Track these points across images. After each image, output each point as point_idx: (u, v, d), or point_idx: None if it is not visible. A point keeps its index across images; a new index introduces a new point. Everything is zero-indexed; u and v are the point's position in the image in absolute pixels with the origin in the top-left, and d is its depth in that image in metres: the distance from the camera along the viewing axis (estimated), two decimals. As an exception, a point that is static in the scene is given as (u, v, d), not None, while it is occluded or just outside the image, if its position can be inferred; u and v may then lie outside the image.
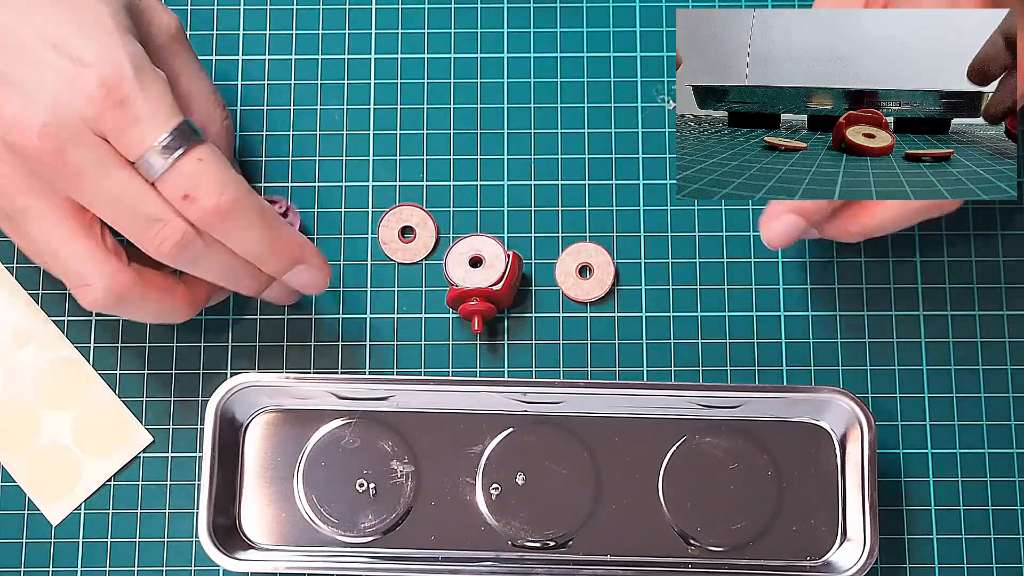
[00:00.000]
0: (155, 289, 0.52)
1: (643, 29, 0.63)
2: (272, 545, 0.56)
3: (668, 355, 0.59)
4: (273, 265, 0.53)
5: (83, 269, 0.51)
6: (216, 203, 0.50)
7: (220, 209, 0.50)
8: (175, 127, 0.49)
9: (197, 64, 0.56)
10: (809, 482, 0.56)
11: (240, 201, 0.50)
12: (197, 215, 0.50)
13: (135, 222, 0.50)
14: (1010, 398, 0.59)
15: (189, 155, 0.49)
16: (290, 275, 0.54)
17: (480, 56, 0.63)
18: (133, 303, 0.52)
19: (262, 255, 0.52)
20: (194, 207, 0.50)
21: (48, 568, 0.58)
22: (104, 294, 0.51)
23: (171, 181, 0.49)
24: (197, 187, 0.49)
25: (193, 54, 0.56)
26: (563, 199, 0.61)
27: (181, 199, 0.50)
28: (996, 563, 0.57)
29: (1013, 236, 0.61)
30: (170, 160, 0.49)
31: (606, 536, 0.56)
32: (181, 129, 0.50)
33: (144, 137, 0.49)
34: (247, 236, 0.51)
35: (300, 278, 0.54)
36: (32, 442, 0.59)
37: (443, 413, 0.57)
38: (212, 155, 0.50)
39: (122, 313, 0.53)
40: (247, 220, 0.51)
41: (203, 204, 0.50)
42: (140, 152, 0.49)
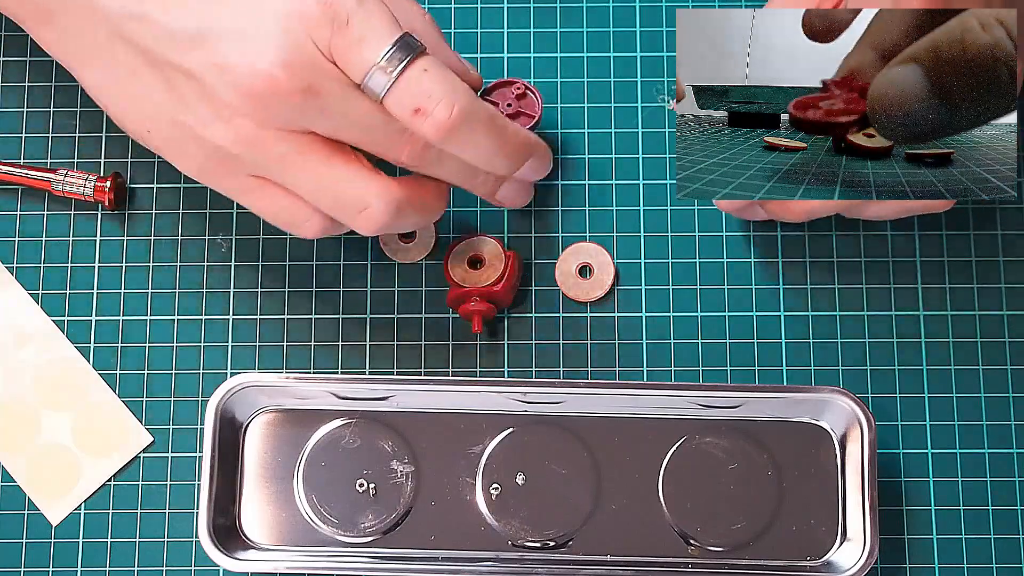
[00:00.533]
0: (425, 191, 0.52)
1: (643, 29, 0.63)
2: (272, 545, 0.56)
3: (668, 355, 0.59)
4: (506, 166, 0.53)
5: (359, 192, 0.50)
6: (448, 115, 0.49)
7: (452, 123, 0.49)
8: (396, 40, 0.48)
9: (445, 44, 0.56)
10: (809, 482, 0.56)
11: (469, 110, 0.49)
12: (430, 130, 0.49)
13: (387, 138, 0.50)
14: (1010, 398, 0.59)
15: (414, 66, 0.48)
16: (520, 170, 0.54)
17: (480, 56, 0.63)
18: (409, 212, 0.52)
19: (493, 161, 0.52)
20: (426, 122, 0.49)
21: (48, 568, 0.58)
22: (385, 210, 0.50)
23: (398, 97, 0.48)
24: (426, 99, 0.48)
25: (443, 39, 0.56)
26: (563, 199, 0.61)
27: (412, 115, 0.49)
28: (996, 563, 0.57)
29: (1013, 236, 0.61)
30: (394, 75, 0.48)
31: (606, 536, 0.56)
32: (403, 41, 0.49)
33: (368, 54, 0.48)
34: (479, 145, 0.51)
35: (529, 169, 0.55)
36: (32, 442, 0.59)
37: (443, 413, 0.57)
38: (435, 65, 0.49)
39: (395, 228, 0.53)
40: (477, 129, 0.50)
41: (435, 118, 0.49)
42: (365, 70, 0.48)
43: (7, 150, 0.62)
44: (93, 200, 0.60)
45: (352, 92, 0.49)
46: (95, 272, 0.60)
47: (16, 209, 0.61)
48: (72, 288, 0.60)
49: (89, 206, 0.61)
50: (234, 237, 0.61)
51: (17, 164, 0.61)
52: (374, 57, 0.48)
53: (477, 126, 0.50)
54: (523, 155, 0.54)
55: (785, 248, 0.60)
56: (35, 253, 0.61)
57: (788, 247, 0.60)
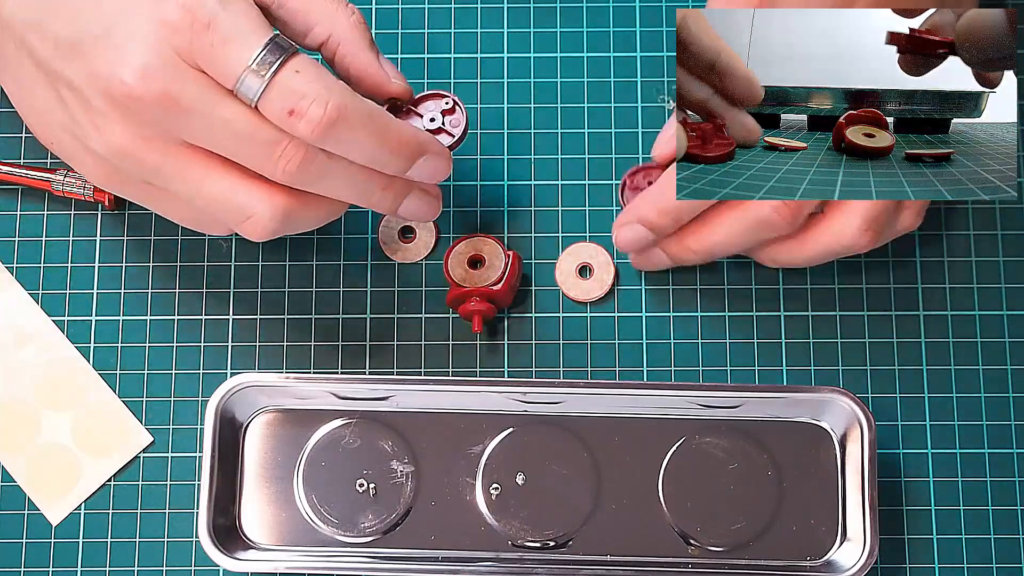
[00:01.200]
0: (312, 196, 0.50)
1: (643, 29, 0.63)
2: (272, 545, 0.56)
3: (668, 355, 0.59)
4: (395, 165, 0.50)
5: (242, 200, 0.49)
6: (321, 114, 0.47)
7: (328, 119, 0.47)
8: (266, 42, 0.47)
9: None
10: (809, 482, 0.56)
11: (346, 107, 0.48)
12: (305, 130, 0.47)
13: (254, 150, 0.48)
14: (1010, 398, 0.59)
15: (285, 68, 0.47)
16: (414, 170, 0.51)
17: (480, 56, 0.63)
18: (301, 216, 0.50)
19: (380, 158, 0.50)
20: (301, 123, 0.47)
21: (48, 568, 0.58)
22: (271, 217, 0.49)
23: (271, 99, 0.47)
24: (299, 100, 0.47)
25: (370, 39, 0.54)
26: (563, 199, 0.61)
27: (286, 117, 0.47)
28: (996, 563, 0.57)
29: (1013, 236, 0.61)
30: (266, 77, 0.47)
31: (606, 536, 0.56)
32: (273, 43, 0.47)
33: (236, 57, 0.47)
34: (361, 142, 0.49)
35: (423, 169, 0.51)
36: (32, 442, 0.59)
37: (443, 413, 0.57)
38: (309, 65, 0.48)
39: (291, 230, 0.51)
40: (357, 125, 0.48)
41: (309, 118, 0.47)
42: (236, 75, 0.47)
43: (7, 150, 0.62)
44: (93, 200, 0.60)
45: (219, 98, 0.48)
46: (95, 272, 0.60)
47: (16, 209, 0.61)
48: (72, 288, 0.60)
49: (89, 206, 0.61)
50: (234, 237, 0.61)
51: (17, 164, 0.61)
52: (244, 60, 0.47)
53: (356, 123, 0.48)
54: (411, 151, 0.51)
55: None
56: (35, 253, 0.61)
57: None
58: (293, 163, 0.48)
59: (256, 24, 0.48)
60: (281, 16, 0.52)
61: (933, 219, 0.60)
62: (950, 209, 0.61)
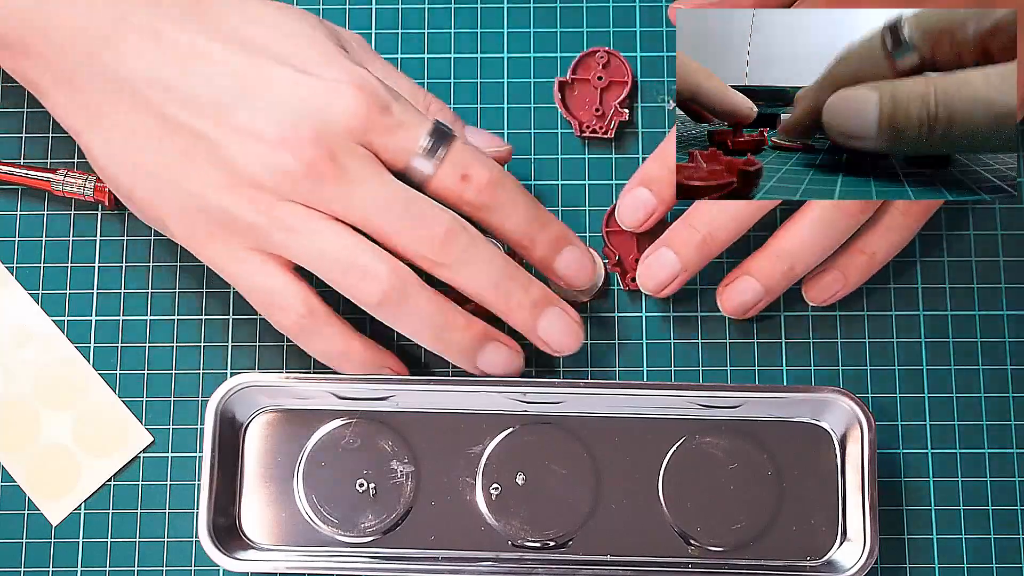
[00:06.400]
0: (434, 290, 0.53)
1: (643, 29, 0.63)
2: (272, 545, 0.56)
3: (668, 355, 0.59)
4: (543, 241, 0.54)
5: (367, 260, 0.51)
6: (490, 176, 0.52)
7: (493, 179, 0.52)
8: (432, 127, 0.52)
9: (391, 66, 0.57)
10: (809, 482, 0.56)
11: (506, 175, 0.53)
12: (475, 192, 0.52)
13: (403, 221, 0.51)
14: (1010, 398, 0.59)
15: (455, 143, 0.52)
16: (560, 259, 0.55)
17: (480, 56, 0.63)
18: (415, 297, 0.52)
19: (532, 228, 0.54)
20: (471, 185, 0.52)
21: (48, 568, 0.58)
22: (390, 281, 0.51)
23: (448, 167, 0.52)
24: (470, 166, 0.52)
25: (383, 59, 0.57)
26: (563, 199, 0.61)
27: (459, 181, 0.52)
28: (996, 563, 0.58)
29: (1013, 236, 0.61)
30: (439, 156, 0.52)
31: (606, 536, 0.56)
32: (437, 128, 0.52)
33: (410, 140, 0.52)
34: (519, 207, 0.53)
35: (570, 261, 0.55)
36: (32, 442, 0.59)
37: (443, 413, 0.57)
38: (467, 143, 0.53)
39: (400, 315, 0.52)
40: (516, 192, 0.53)
41: (479, 180, 0.52)
42: (410, 154, 0.52)
43: (7, 150, 0.62)
44: (93, 200, 0.60)
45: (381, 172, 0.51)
46: (95, 272, 0.60)
47: (16, 209, 0.61)
48: (72, 288, 0.60)
49: (89, 206, 0.61)
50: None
51: (17, 164, 0.61)
52: (416, 141, 0.52)
53: (513, 187, 0.53)
54: (560, 231, 0.55)
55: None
56: (35, 253, 0.61)
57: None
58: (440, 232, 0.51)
59: (419, 112, 0.53)
60: None
61: (933, 219, 0.60)
62: (950, 209, 0.61)
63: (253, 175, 0.50)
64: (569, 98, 0.61)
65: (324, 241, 0.51)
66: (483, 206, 0.52)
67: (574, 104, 0.61)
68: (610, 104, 0.61)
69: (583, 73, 0.61)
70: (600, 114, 0.61)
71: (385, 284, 0.51)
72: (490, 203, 0.53)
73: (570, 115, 0.61)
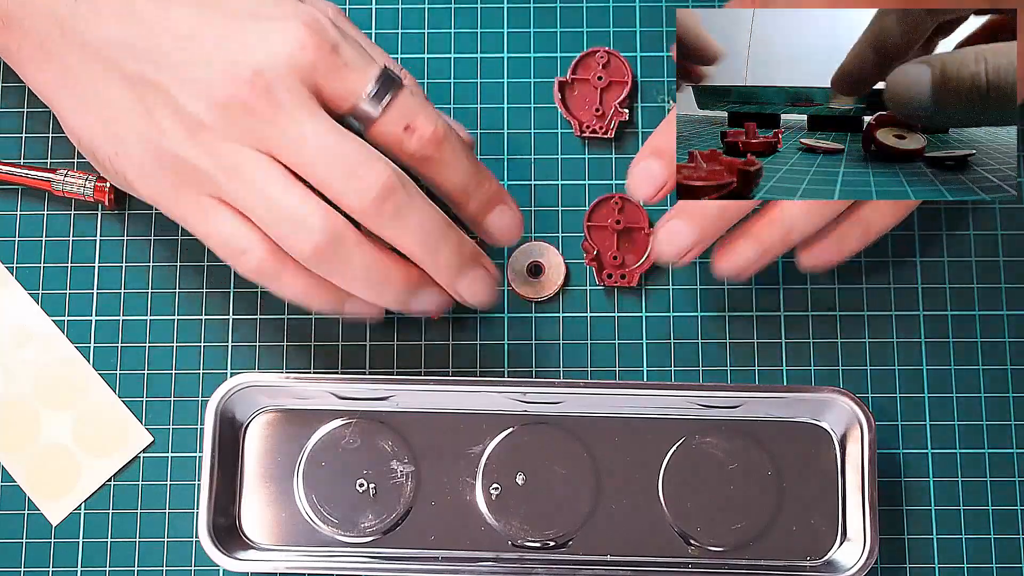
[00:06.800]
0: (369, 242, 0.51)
1: (643, 29, 0.63)
2: (272, 545, 0.56)
3: (668, 355, 0.59)
4: (478, 198, 0.53)
5: (301, 210, 0.50)
6: (434, 129, 0.51)
7: (437, 135, 0.51)
8: (381, 71, 0.51)
9: (366, 38, 0.57)
10: (809, 482, 0.56)
11: (450, 129, 0.52)
12: (418, 144, 0.51)
13: (340, 169, 0.50)
14: (1010, 398, 0.59)
15: (403, 91, 0.51)
16: (491, 218, 0.54)
17: (480, 56, 0.63)
18: (350, 246, 0.50)
19: (469, 185, 0.53)
20: (414, 136, 0.51)
21: (48, 568, 0.58)
22: (322, 234, 0.50)
23: (390, 117, 0.51)
24: (415, 117, 0.51)
25: (358, 29, 0.57)
26: (563, 199, 0.61)
27: (403, 131, 0.51)
28: (996, 563, 0.58)
29: (1013, 236, 0.61)
30: (384, 102, 0.51)
31: (606, 536, 0.56)
32: (386, 73, 0.51)
33: (357, 82, 0.51)
34: (460, 163, 0.52)
35: (501, 219, 0.55)
36: (32, 442, 0.59)
37: (443, 413, 0.57)
38: (417, 92, 0.53)
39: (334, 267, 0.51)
40: (458, 147, 0.52)
41: (422, 132, 0.51)
42: (356, 97, 0.51)
43: (7, 150, 0.62)
44: (93, 200, 0.60)
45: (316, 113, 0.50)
46: (95, 272, 0.60)
47: (16, 209, 0.61)
48: (72, 288, 0.60)
49: (89, 206, 0.61)
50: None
51: (17, 164, 0.61)
52: (363, 85, 0.50)
53: (456, 144, 0.52)
54: (496, 189, 0.54)
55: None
56: (35, 253, 0.61)
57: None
58: (372, 190, 0.50)
59: (368, 56, 0.52)
60: None
61: (933, 219, 0.60)
62: (950, 209, 0.61)
63: (198, 115, 0.50)
64: (569, 98, 0.61)
65: (260, 185, 0.50)
66: (425, 159, 0.52)
67: (574, 104, 0.61)
68: (610, 104, 0.61)
69: (583, 73, 0.61)
70: (600, 114, 0.61)
71: (318, 237, 0.50)
72: (432, 156, 0.52)
73: (570, 115, 0.61)
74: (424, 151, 0.51)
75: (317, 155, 0.50)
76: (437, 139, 0.51)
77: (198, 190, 0.51)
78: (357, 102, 0.51)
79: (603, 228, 0.60)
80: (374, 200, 0.50)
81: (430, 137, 0.51)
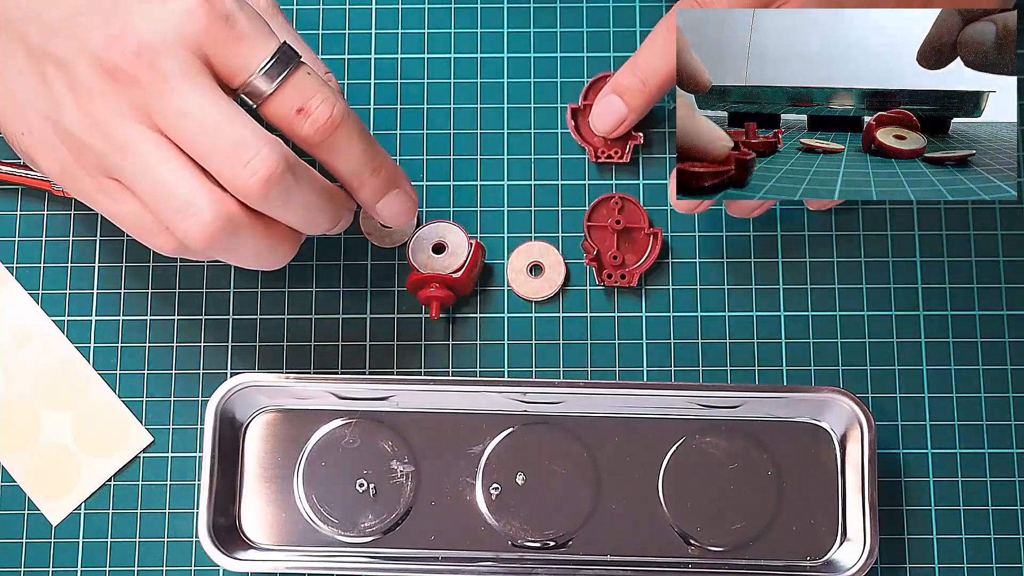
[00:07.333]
0: (260, 218, 0.50)
1: (643, 29, 0.63)
2: (272, 545, 0.56)
3: (668, 355, 0.59)
4: (372, 185, 0.52)
5: (190, 193, 0.48)
6: (330, 114, 0.49)
7: (333, 120, 0.49)
8: (279, 47, 0.49)
9: (294, 32, 0.55)
10: (809, 482, 0.56)
11: (348, 113, 0.50)
12: (310, 129, 0.49)
13: (224, 148, 0.47)
14: (1010, 398, 0.59)
15: (299, 70, 0.49)
16: (384, 202, 0.53)
17: (480, 56, 0.63)
18: (241, 231, 0.49)
19: (363, 172, 0.52)
20: (307, 120, 0.49)
21: (48, 568, 0.58)
22: (213, 218, 0.48)
23: (283, 96, 0.49)
24: (309, 99, 0.49)
25: (289, 23, 0.55)
26: (563, 199, 0.61)
27: (294, 114, 0.49)
28: (996, 563, 0.58)
29: (1013, 236, 0.61)
30: (279, 79, 0.48)
31: (606, 536, 0.56)
32: (284, 49, 0.49)
33: (250, 56, 0.48)
34: (354, 150, 0.51)
35: (393, 206, 0.54)
36: (32, 442, 0.59)
37: (443, 413, 0.57)
38: (315, 72, 0.50)
39: (226, 250, 0.50)
40: (355, 132, 0.50)
41: (317, 116, 0.49)
42: (248, 71, 0.48)
43: (7, 150, 0.62)
44: (93, 200, 0.60)
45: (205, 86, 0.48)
46: (95, 272, 0.60)
47: (16, 209, 0.61)
48: (72, 288, 0.60)
49: (89, 206, 0.61)
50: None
51: (17, 164, 0.61)
52: (258, 59, 0.48)
53: (353, 130, 0.50)
54: (390, 175, 0.53)
55: (785, 248, 0.60)
56: (35, 253, 0.61)
57: (788, 247, 0.60)
58: (260, 173, 0.47)
59: (268, 29, 0.49)
60: None
61: (933, 219, 0.60)
62: (950, 209, 0.61)
63: (88, 84, 0.48)
64: (582, 124, 0.61)
65: (147, 165, 0.48)
66: (318, 144, 0.50)
67: (587, 130, 0.61)
68: None
69: (594, 98, 0.61)
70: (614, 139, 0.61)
71: (207, 222, 0.48)
72: (326, 143, 0.50)
73: (584, 141, 0.61)
74: (318, 136, 0.49)
75: (199, 131, 0.47)
76: (332, 125, 0.49)
77: (98, 170, 0.49)
78: (248, 79, 0.48)
79: (603, 228, 0.60)
80: (258, 185, 0.48)
81: (325, 124, 0.49)
